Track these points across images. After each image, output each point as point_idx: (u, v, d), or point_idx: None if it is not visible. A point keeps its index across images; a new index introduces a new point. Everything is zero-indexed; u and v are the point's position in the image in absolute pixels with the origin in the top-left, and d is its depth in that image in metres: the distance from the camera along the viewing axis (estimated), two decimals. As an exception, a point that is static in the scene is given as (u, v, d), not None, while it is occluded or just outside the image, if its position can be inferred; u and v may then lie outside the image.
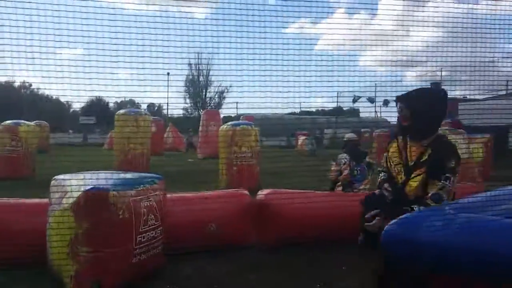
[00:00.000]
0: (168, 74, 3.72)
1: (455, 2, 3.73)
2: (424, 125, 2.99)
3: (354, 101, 6.53)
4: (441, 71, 4.13)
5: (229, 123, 9.01)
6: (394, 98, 3.35)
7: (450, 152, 2.97)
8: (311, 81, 3.44)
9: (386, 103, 6.30)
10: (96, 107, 41.09)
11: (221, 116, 19.64)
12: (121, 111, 11.60)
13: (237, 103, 5.21)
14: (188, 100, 46.03)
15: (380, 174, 3.40)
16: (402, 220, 2.47)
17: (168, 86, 4.10)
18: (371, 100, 5.95)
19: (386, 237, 2.42)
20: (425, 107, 2.96)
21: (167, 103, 17.32)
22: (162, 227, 3.58)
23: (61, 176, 3.52)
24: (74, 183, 3.25)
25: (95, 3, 3.18)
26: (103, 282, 3.07)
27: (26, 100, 44.06)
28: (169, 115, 28.33)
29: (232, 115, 20.98)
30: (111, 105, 41.62)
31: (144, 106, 15.54)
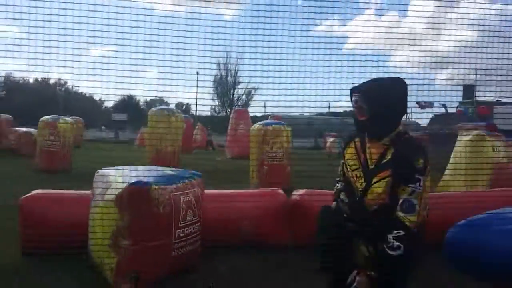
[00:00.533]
0: (197, 73, 3.74)
1: (488, 2, 3.62)
2: (384, 120, 2.49)
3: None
4: (475, 74, 4.01)
5: (261, 122, 9.02)
6: (423, 100, 3.18)
7: (416, 150, 2.47)
8: (340, 82, 3.40)
9: (422, 106, 6.17)
10: (128, 104, 42.03)
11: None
12: (155, 109, 11.80)
13: (265, 102, 5.17)
14: (216, 99, 46.55)
15: (337, 184, 2.82)
16: (467, 222, 2.37)
17: (197, 86, 4.15)
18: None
19: (449, 240, 2.35)
20: (385, 99, 2.49)
21: (196, 103, 17.52)
22: (200, 223, 3.63)
23: (104, 170, 3.62)
24: (118, 177, 3.34)
25: (130, 3, 3.28)
26: (142, 275, 3.13)
27: (61, 97, 45.53)
28: (197, 114, 28.67)
29: (258, 115, 21.00)
30: (140, 103, 42.54)
31: (172, 105, 15.76)
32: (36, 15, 3.01)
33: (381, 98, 2.48)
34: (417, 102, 4.92)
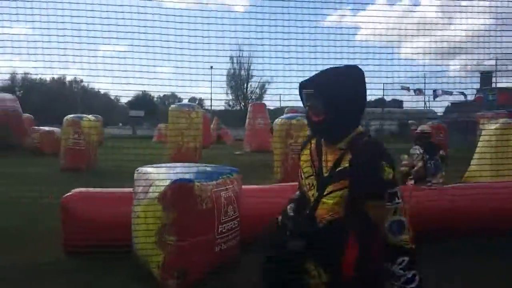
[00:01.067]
0: (211, 68, 3.77)
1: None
2: (341, 119, 2.05)
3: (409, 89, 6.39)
4: (496, 59, 3.92)
5: (284, 115, 8.99)
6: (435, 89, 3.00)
7: (378, 158, 1.97)
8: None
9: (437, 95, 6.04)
10: (142, 101, 42.38)
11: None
12: (175, 105, 11.88)
13: (280, 95, 5.13)
14: (229, 94, 46.64)
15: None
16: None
17: (211, 80, 4.16)
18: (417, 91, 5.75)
19: None
20: (341, 94, 2.05)
21: (211, 98, 17.54)
22: (239, 219, 3.64)
23: (144, 168, 3.65)
24: (160, 175, 3.37)
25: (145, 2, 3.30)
26: (188, 271, 3.17)
27: (78, 95, 46.08)
28: (212, 109, 28.77)
29: (271, 108, 20.92)
30: (154, 99, 42.89)
31: (185, 100, 15.85)
32: (48, 17, 3.05)
33: (337, 93, 2.05)
34: (434, 91, 4.84)
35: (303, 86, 2.17)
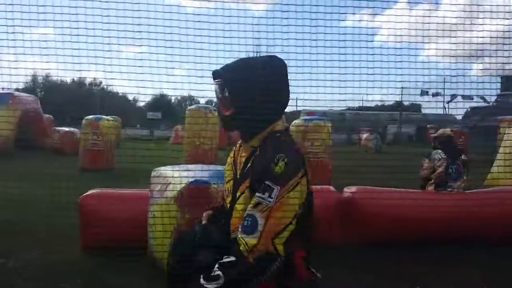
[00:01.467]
0: None
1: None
2: (252, 114, 1.80)
3: (422, 94, 6.32)
4: None
5: (301, 118, 8.96)
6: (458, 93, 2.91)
7: (277, 150, 1.68)
8: (373, 73, 3.31)
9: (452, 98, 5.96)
10: (160, 103, 42.83)
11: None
12: (192, 107, 11.96)
13: (296, 98, 5.10)
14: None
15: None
16: None
17: None
18: (436, 94, 5.68)
19: None
20: (254, 85, 1.80)
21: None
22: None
23: (161, 168, 3.66)
24: (176, 175, 3.37)
25: (162, 4, 3.32)
26: (203, 272, 3.15)
27: (97, 96, 46.89)
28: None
29: (286, 111, 20.90)
30: (172, 101, 43.33)
31: (202, 103, 16.01)
32: (69, 19, 3.11)
33: (249, 85, 1.80)
34: (452, 95, 4.69)
35: (214, 75, 1.93)
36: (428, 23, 3.31)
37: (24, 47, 3.20)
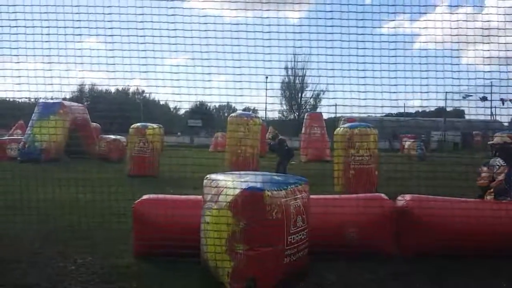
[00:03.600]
0: (266, 78, 3.76)
1: None
2: None
3: (464, 98, 6.12)
4: None
5: (346, 124, 8.80)
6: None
7: None
8: (412, 83, 3.21)
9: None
10: (200, 110, 43.46)
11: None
12: (234, 114, 12.04)
13: (336, 105, 4.99)
14: (283, 104, 46.65)
15: None
16: None
17: (266, 89, 4.14)
18: (484, 98, 5.43)
19: None
20: None
21: (266, 108, 17.62)
22: (308, 230, 3.55)
23: (213, 175, 3.67)
24: (229, 183, 3.37)
25: (198, 11, 3.37)
26: (257, 281, 3.12)
27: (141, 105, 48.28)
28: (267, 118, 28.95)
29: (325, 118, 20.59)
30: (211, 109, 43.88)
31: (240, 110, 16.11)
32: (112, 30, 3.23)
33: None
34: (501, 99, 4.50)
35: None
36: (471, 28, 3.20)
37: (75, 55, 3.36)
